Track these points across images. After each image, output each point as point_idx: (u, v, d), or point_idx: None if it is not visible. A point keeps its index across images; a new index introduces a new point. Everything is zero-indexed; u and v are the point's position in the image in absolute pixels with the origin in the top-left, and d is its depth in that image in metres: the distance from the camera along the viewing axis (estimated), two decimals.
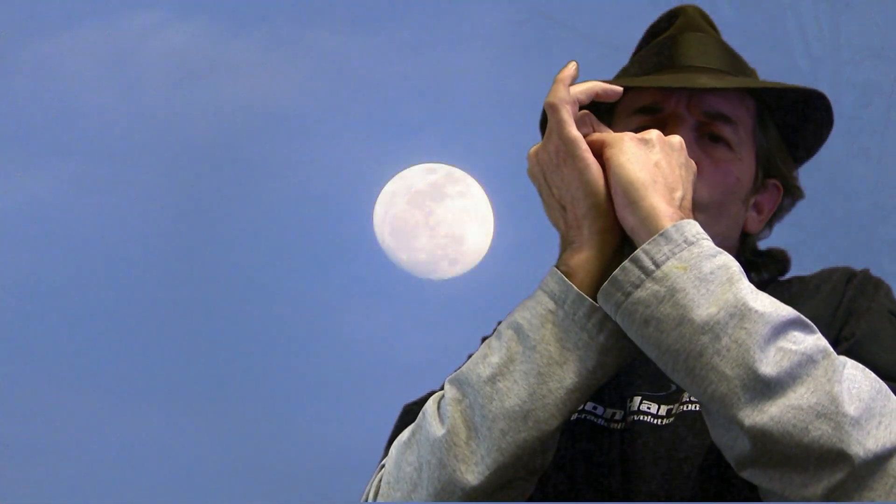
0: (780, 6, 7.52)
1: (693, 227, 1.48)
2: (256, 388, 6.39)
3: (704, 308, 1.43)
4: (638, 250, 1.47)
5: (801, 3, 7.56)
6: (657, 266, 1.45)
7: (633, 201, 1.49)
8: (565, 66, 1.55)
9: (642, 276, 1.45)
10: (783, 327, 1.44)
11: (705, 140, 1.72)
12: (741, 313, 1.43)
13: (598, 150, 1.54)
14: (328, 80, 6.96)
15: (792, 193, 1.81)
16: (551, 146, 1.53)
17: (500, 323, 1.62)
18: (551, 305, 1.51)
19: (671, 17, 1.82)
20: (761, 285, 1.76)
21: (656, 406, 1.63)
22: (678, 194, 1.52)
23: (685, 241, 1.46)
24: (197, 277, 6.56)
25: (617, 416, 1.64)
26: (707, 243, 1.48)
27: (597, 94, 1.58)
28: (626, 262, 1.47)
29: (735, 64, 1.79)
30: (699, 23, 1.80)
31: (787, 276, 1.80)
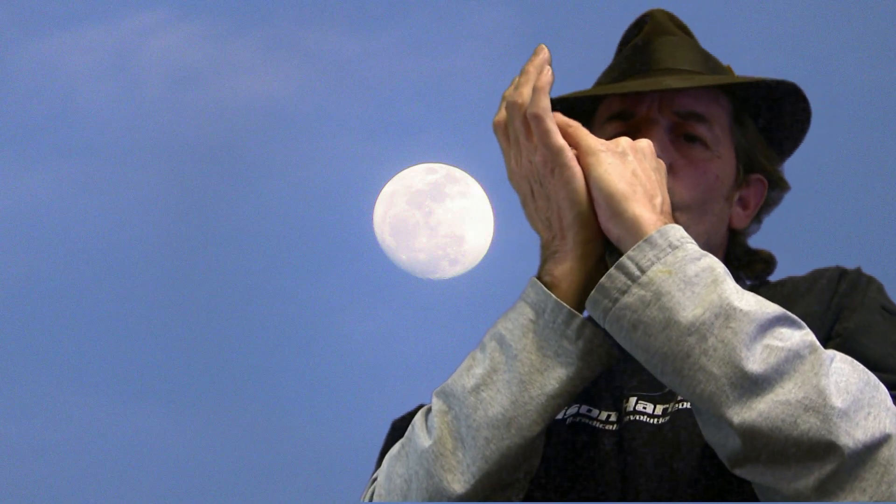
0: None
1: (677, 232, 1.49)
2: (256, 388, 6.38)
3: (690, 310, 1.43)
4: (623, 257, 1.47)
5: None
6: (642, 271, 1.46)
7: (617, 212, 1.50)
8: (539, 66, 1.53)
9: (628, 282, 1.46)
10: (769, 324, 1.45)
11: (680, 141, 1.74)
12: (726, 313, 1.43)
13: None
14: (328, 80, 6.95)
15: (778, 186, 1.84)
16: (538, 156, 1.53)
17: None
18: (532, 315, 1.52)
19: (640, 23, 1.85)
20: (753, 289, 1.77)
21: (652, 406, 1.64)
22: (657, 200, 1.52)
23: (669, 246, 1.47)
24: (197, 277, 6.56)
25: (612, 418, 1.65)
26: (691, 246, 1.48)
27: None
28: (612, 269, 1.47)
29: (707, 63, 1.81)
30: (667, 26, 1.82)
31: (781, 277, 1.81)
